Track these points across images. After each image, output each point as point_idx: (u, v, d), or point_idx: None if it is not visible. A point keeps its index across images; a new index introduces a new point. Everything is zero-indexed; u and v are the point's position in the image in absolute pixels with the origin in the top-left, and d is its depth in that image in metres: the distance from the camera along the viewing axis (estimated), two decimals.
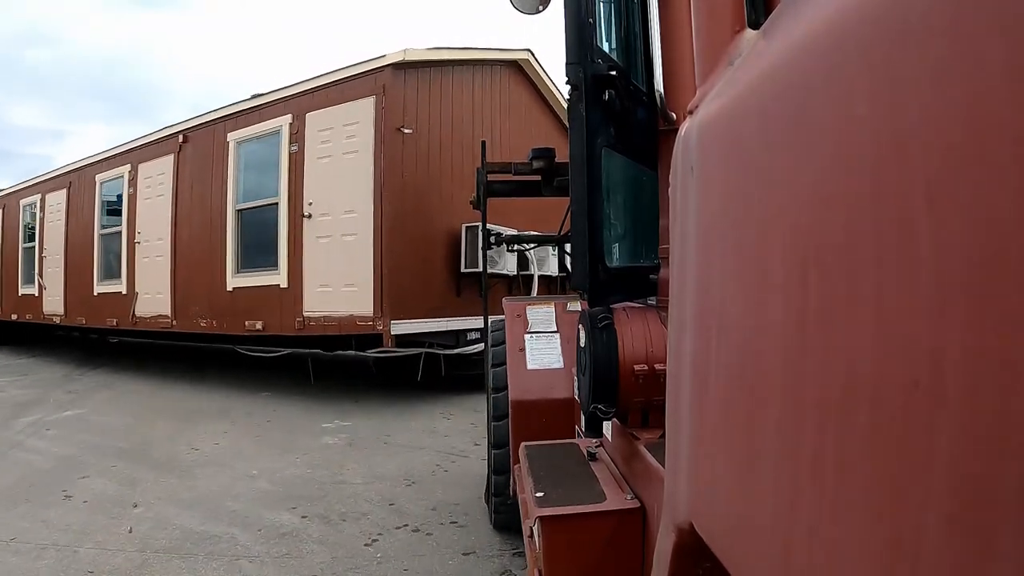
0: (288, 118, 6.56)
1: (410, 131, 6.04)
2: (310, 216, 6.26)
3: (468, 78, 7.29)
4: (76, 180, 9.61)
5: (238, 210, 7.08)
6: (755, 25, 0.65)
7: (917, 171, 0.34)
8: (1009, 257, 0.28)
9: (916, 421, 0.33)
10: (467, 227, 6.78)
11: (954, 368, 0.31)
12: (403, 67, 6.02)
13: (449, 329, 6.64)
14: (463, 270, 6.82)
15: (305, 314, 6.26)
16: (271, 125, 6.74)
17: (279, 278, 6.53)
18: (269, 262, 6.71)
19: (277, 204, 6.61)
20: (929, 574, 0.32)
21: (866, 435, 0.38)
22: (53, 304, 9.94)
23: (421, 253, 6.31)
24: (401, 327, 5.84)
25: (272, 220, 6.70)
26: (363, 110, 5.96)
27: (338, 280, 6.05)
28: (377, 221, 5.83)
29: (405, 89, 6.10)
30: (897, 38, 0.36)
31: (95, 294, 9.04)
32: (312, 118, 6.35)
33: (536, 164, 4.46)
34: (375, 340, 5.90)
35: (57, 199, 9.94)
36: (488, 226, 6.62)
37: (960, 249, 0.31)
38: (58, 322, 9.81)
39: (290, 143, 6.51)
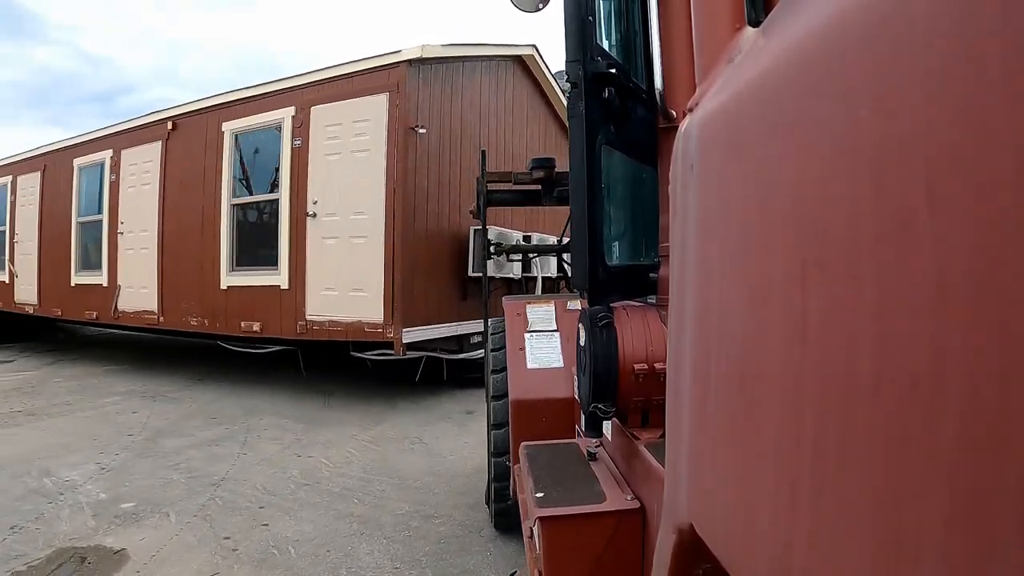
0: (291, 110, 6.24)
1: (424, 131, 5.80)
2: (315, 215, 5.99)
3: (476, 75, 7.04)
4: (51, 163, 9.04)
5: (233, 205, 6.75)
6: (755, 23, 0.64)
7: (917, 169, 0.33)
8: (1010, 257, 0.28)
9: (916, 423, 0.33)
10: (475, 230, 6.60)
11: (954, 369, 0.30)
12: (418, 63, 5.76)
13: (454, 334, 6.48)
14: (470, 274, 6.65)
15: (308, 318, 6.01)
16: (271, 117, 6.40)
17: (279, 279, 6.25)
18: (268, 261, 6.42)
19: (278, 201, 6.31)
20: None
21: (866, 436, 0.37)
22: (26, 293, 9.40)
23: (431, 257, 6.11)
24: (412, 335, 5.65)
25: (272, 217, 6.40)
26: (375, 107, 5.68)
27: (345, 284, 5.82)
28: (389, 225, 5.59)
29: (419, 86, 5.84)
30: (897, 35, 0.35)
31: (72, 285, 8.58)
32: (318, 112, 6.04)
33: (536, 174, 4.45)
34: (383, 345, 5.71)
35: (30, 182, 9.35)
36: (496, 228, 6.51)
37: (961, 249, 0.30)
38: (31, 312, 9.28)
39: (293, 137, 6.20)
